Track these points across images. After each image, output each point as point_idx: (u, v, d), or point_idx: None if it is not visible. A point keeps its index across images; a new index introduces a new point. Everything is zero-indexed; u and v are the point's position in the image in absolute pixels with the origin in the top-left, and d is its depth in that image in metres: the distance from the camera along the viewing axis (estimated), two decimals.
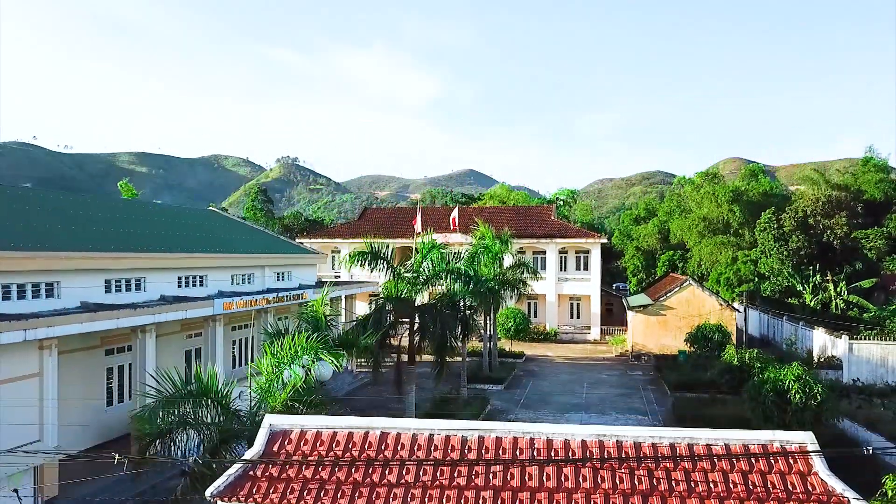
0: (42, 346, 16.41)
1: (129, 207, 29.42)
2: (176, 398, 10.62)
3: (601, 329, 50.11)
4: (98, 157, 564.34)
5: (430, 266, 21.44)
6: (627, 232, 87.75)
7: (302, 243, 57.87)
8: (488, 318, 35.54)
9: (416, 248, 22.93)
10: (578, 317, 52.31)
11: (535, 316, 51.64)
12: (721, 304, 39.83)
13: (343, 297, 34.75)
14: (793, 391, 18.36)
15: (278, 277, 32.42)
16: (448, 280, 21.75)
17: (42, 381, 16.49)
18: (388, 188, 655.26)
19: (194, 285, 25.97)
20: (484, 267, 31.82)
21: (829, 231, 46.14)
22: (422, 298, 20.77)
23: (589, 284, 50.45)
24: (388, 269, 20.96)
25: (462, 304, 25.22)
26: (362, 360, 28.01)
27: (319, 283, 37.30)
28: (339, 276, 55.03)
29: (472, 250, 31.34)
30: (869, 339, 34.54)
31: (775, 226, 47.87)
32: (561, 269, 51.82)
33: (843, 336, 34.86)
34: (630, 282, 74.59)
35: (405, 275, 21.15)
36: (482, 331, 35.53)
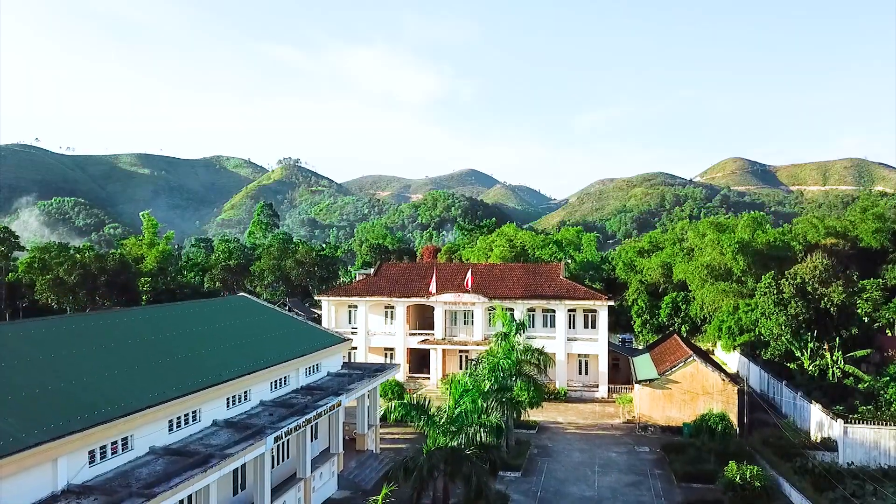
0: None
1: (172, 319, 31.53)
2: None
3: (608, 388, 52.41)
4: (100, 159, 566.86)
5: (463, 417, 23.55)
6: (632, 264, 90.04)
7: (320, 301, 60.18)
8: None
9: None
10: (586, 373, 54.59)
11: (545, 373, 53.80)
12: (723, 380, 42.07)
13: (366, 395, 36.78)
14: None
15: (308, 372, 34.71)
16: (482, 432, 23.88)
17: None
18: (389, 188, 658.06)
19: (240, 402, 28.25)
20: (504, 362, 34.20)
21: (825, 298, 48.28)
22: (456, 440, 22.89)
23: (597, 344, 52.73)
24: (426, 420, 23.11)
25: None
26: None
27: (345, 366, 39.62)
28: (356, 331, 57.42)
29: (492, 361, 33.52)
30: (863, 424, 36.75)
31: (775, 291, 50.02)
32: (570, 327, 54.03)
33: (838, 420, 37.10)
34: (635, 322, 76.87)
35: (440, 423, 23.32)
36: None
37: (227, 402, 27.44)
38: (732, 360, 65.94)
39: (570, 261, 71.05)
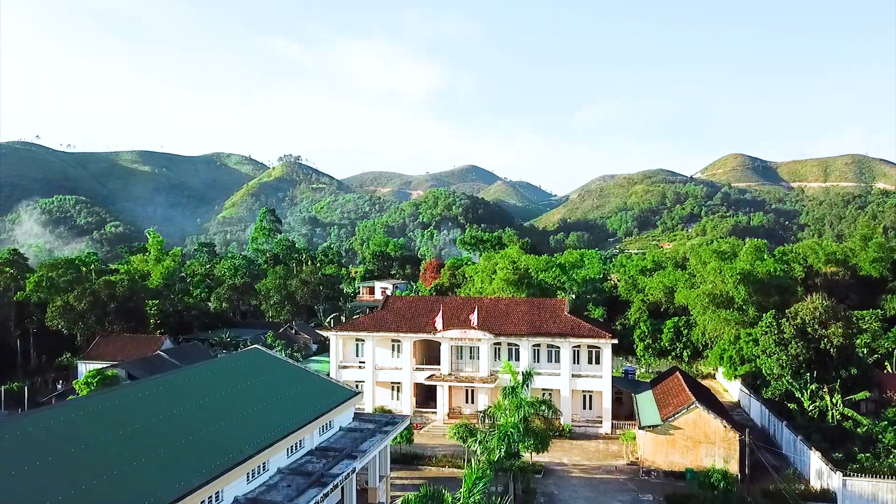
0: None
1: (190, 388, 32.40)
2: None
3: (612, 423, 53.46)
4: (100, 156, 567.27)
5: None
6: (635, 282, 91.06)
7: (328, 337, 61.09)
8: None
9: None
10: (590, 408, 55.61)
11: (552, 417, 55.02)
12: (725, 427, 43.04)
13: (376, 455, 37.64)
14: None
15: (322, 430, 35.70)
16: None
17: None
18: (390, 185, 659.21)
19: (259, 474, 29.23)
20: (512, 428, 35.17)
21: (825, 339, 49.17)
22: None
23: (601, 381, 53.73)
24: None
25: None
26: None
27: (356, 417, 40.59)
28: (364, 364, 58.45)
29: (501, 429, 34.40)
30: (861, 476, 37.72)
31: (776, 330, 50.92)
32: (574, 363, 55.01)
33: (837, 472, 38.09)
34: (637, 346, 77.91)
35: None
36: None
37: (248, 476, 28.40)
38: (734, 387, 66.94)
39: (572, 294, 71.53)
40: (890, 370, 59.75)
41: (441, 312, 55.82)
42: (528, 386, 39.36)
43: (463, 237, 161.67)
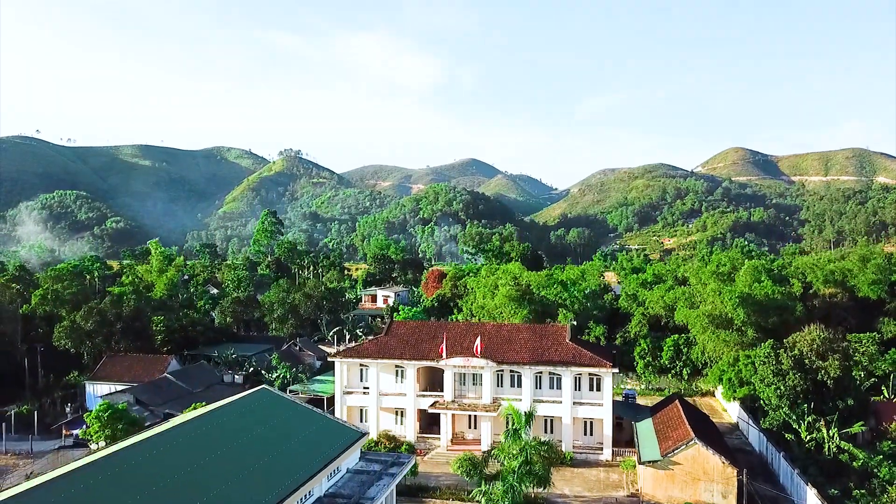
0: None
1: (199, 439, 33.13)
2: None
3: (612, 450, 54.40)
4: (100, 151, 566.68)
5: None
6: (635, 295, 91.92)
7: (333, 362, 61.94)
8: None
9: None
10: (591, 434, 56.56)
11: (552, 432, 56.01)
12: (723, 463, 43.92)
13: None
14: None
15: (330, 475, 36.56)
16: None
17: None
18: (390, 178, 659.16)
19: None
20: (513, 462, 36.06)
21: (822, 371, 50.01)
22: None
23: (602, 409, 54.60)
24: None
25: None
26: None
27: (362, 457, 41.48)
28: (368, 390, 59.35)
29: (507, 478, 35.25)
30: None
31: (774, 361, 51.75)
32: (576, 390, 55.88)
33: None
34: (637, 364, 78.78)
35: None
36: None
37: None
38: (733, 407, 67.85)
39: (573, 322, 71.57)
40: (886, 395, 60.62)
41: (444, 340, 56.62)
42: (530, 426, 40.15)
43: (464, 236, 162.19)
